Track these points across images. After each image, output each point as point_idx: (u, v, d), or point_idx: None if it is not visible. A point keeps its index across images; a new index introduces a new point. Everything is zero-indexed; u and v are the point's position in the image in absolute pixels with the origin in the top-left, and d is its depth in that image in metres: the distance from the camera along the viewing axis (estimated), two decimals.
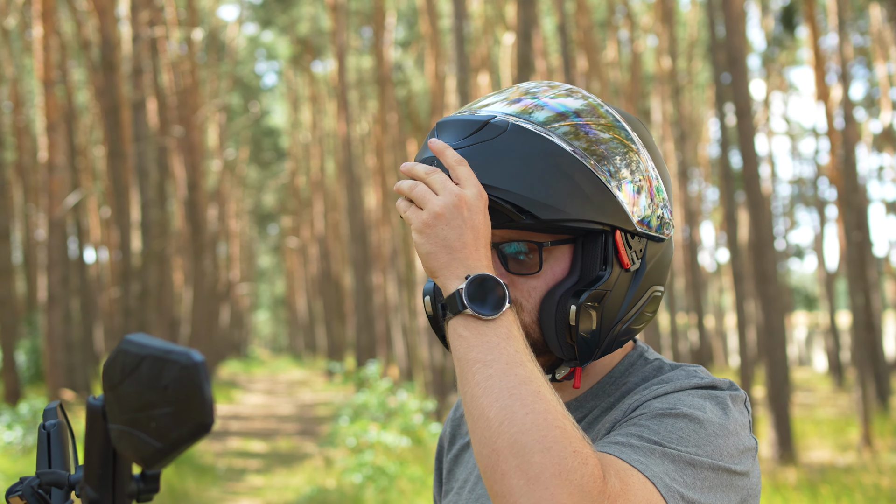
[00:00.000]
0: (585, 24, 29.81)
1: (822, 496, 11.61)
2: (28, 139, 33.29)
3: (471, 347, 1.54)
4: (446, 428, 2.09)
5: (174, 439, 1.08)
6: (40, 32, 19.83)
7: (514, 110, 1.71)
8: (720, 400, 1.66)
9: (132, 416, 1.10)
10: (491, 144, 1.66)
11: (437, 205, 1.60)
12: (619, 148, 1.71)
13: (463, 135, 1.69)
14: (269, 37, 50.97)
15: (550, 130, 1.68)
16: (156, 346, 1.10)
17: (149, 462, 1.10)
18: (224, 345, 51.96)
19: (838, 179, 21.79)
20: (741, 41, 16.62)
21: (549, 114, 1.71)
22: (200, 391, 1.06)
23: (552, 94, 1.77)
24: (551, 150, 1.66)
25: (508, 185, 1.63)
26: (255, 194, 63.22)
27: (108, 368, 1.13)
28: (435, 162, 1.68)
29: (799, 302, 50.99)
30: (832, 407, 25.70)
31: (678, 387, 1.67)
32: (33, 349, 25.69)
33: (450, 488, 1.99)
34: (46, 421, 1.54)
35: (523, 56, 13.74)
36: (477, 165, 1.64)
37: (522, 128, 1.67)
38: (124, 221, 21.47)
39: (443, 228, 1.59)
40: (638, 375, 1.80)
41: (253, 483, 15.16)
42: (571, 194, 1.65)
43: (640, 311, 1.76)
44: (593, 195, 1.66)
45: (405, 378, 31.08)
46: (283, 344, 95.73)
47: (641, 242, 1.74)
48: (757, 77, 42.02)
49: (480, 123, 1.69)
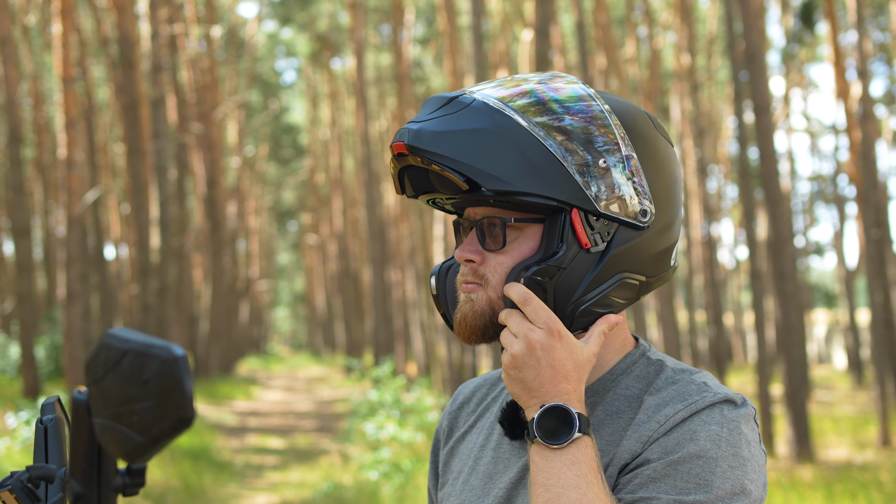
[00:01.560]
0: (604, 21, 29.73)
1: (838, 494, 11.56)
2: (48, 136, 33.41)
3: (538, 472, 1.65)
4: (443, 421, 2.11)
5: (156, 433, 1.08)
6: (60, 29, 19.89)
7: (495, 92, 1.76)
8: (734, 426, 1.70)
9: (115, 410, 1.11)
10: (451, 118, 1.72)
11: (513, 349, 1.69)
12: (591, 132, 1.73)
13: (432, 109, 1.76)
14: (289, 34, 51.01)
15: (511, 106, 1.73)
16: (138, 341, 1.10)
17: (132, 456, 1.11)
18: (243, 341, 52.10)
19: (857, 176, 21.66)
20: (759, 37, 16.57)
21: (521, 93, 1.75)
22: (181, 385, 1.07)
23: (538, 79, 1.81)
24: (506, 125, 1.71)
25: (457, 155, 1.69)
26: (275, 191, 63.28)
27: (91, 363, 1.14)
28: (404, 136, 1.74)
29: (818, 299, 50.81)
30: (851, 404, 25.61)
31: (693, 409, 1.70)
32: (53, 345, 25.79)
33: (446, 480, 2.01)
34: (44, 416, 1.54)
35: (541, 53, 13.72)
36: (433, 136, 1.71)
37: (485, 103, 1.73)
38: (143, 218, 21.53)
39: (520, 371, 1.69)
40: (641, 376, 1.81)
41: (270, 479, 15.20)
42: (522, 168, 1.69)
43: (604, 294, 1.76)
44: (546, 170, 1.70)
45: (423, 374, 31.08)
46: (302, 340, 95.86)
47: (609, 225, 1.75)
48: (776, 74, 41.86)
49: (448, 99, 1.75)
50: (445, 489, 1.99)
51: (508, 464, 1.85)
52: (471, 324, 1.79)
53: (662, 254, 1.82)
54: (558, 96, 1.76)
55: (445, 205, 1.89)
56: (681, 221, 1.89)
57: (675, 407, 1.71)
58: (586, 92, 1.78)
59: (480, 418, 2.02)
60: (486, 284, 1.78)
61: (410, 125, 1.74)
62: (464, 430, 2.03)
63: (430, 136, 1.70)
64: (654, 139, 1.81)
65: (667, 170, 1.82)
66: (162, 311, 22.55)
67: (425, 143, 1.70)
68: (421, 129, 1.71)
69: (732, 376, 34.26)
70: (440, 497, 2.01)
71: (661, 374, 1.80)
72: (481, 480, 1.88)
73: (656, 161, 1.80)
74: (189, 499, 12.75)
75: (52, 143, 33.10)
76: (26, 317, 20.85)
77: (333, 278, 53.05)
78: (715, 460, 1.64)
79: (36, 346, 24.05)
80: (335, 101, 46.44)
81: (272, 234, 71.26)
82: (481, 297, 1.78)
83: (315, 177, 53.87)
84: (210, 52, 36.70)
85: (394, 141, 1.74)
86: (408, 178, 1.82)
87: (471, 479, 1.91)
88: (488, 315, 1.78)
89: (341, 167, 45.67)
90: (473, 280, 1.79)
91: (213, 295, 35.39)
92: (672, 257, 1.87)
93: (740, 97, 18.39)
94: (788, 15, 34.78)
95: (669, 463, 1.65)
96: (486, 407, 2.02)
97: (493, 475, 1.87)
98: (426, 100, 1.79)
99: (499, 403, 1.98)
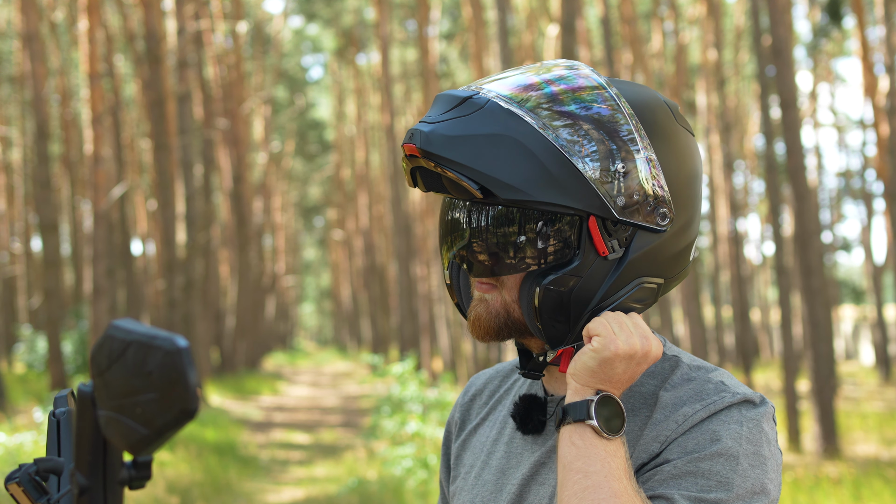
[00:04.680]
0: (629, 16, 29.66)
1: (865, 491, 11.50)
2: (75, 132, 33.57)
3: (579, 457, 1.61)
4: (455, 413, 2.09)
5: (159, 425, 1.08)
6: (86, 26, 19.98)
7: (509, 89, 1.71)
8: (755, 424, 1.68)
9: (119, 402, 1.10)
10: (464, 120, 1.67)
11: (632, 340, 1.65)
12: (609, 132, 1.68)
13: (444, 109, 1.70)
14: (314, 29, 51.08)
15: (525, 107, 1.67)
16: (142, 332, 1.09)
17: (136, 448, 1.10)
18: (269, 337, 52.21)
19: (885, 171, 21.55)
20: (786, 32, 16.48)
21: (535, 90, 1.70)
22: (184, 377, 1.06)
23: (552, 72, 1.76)
24: (521, 130, 1.65)
25: (471, 163, 1.64)
26: (301, 187, 63.40)
27: (95, 354, 1.13)
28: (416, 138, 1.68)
29: (846, 295, 50.53)
30: (879, 401, 25.46)
31: (712, 409, 1.68)
32: (80, 340, 25.92)
33: (457, 473, 1.99)
34: (57, 408, 1.54)
35: (567, 48, 13.69)
36: (447, 140, 1.65)
37: (498, 105, 1.67)
38: (169, 213, 21.61)
39: (616, 360, 1.64)
40: (656, 373, 1.79)
41: (295, 474, 15.22)
42: (537, 176, 1.64)
43: (621, 301, 1.73)
44: (562, 178, 1.65)
45: (449, 369, 31.09)
46: (328, 336, 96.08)
47: (627, 230, 1.71)
48: (803, 68, 41.71)
49: (461, 99, 1.69)
50: (457, 483, 1.97)
51: (521, 459, 1.83)
52: (485, 324, 1.78)
53: (681, 253, 1.79)
54: (575, 93, 1.71)
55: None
56: (700, 216, 1.85)
57: (694, 407, 1.69)
58: (599, 82, 1.73)
59: (493, 411, 1.99)
60: (501, 286, 1.76)
61: (422, 126, 1.69)
62: (476, 422, 2.01)
63: (442, 141, 1.66)
64: (674, 132, 1.76)
65: (687, 165, 1.77)
66: (188, 306, 22.63)
67: (438, 148, 1.65)
68: (433, 131, 1.67)
69: (759, 372, 34.12)
70: (452, 490, 1.99)
71: (676, 371, 1.77)
72: (494, 475, 1.87)
73: (677, 157, 1.75)
74: (214, 493, 12.78)
75: (78, 139, 33.25)
76: (53, 312, 20.95)
77: (359, 274, 53.11)
78: (736, 458, 1.63)
79: (63, 341, 24.18)
80: (361, 96, 46.48)
81: (298, 229, 71.43)
82: (496, 299, 1.76)
83: (341, 172, 53.93)
84: (236, 48, 36.78)
85: (405, 141, 1.70)
86: (420, 175, 1.77)
87: (483, 473, 1.90)
88: (503, 317, 1.76)
89: (367, 163, 45.71)
90: (488, 281, 1.77)
91: (240, 290, 35.50)
92: (691, 253, 1.83)
93: (767, 92, 18.30)
94: (815, 9, 34.62)
95: (690, 460, 1.63)
96: (499, 399, 2.00)
97: (506, 470, 1.85)
98: (437, 96, 1.74)
99: (511, 396, 1.96)
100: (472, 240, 1.74)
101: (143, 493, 11.33)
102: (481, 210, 1.73)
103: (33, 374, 28.63)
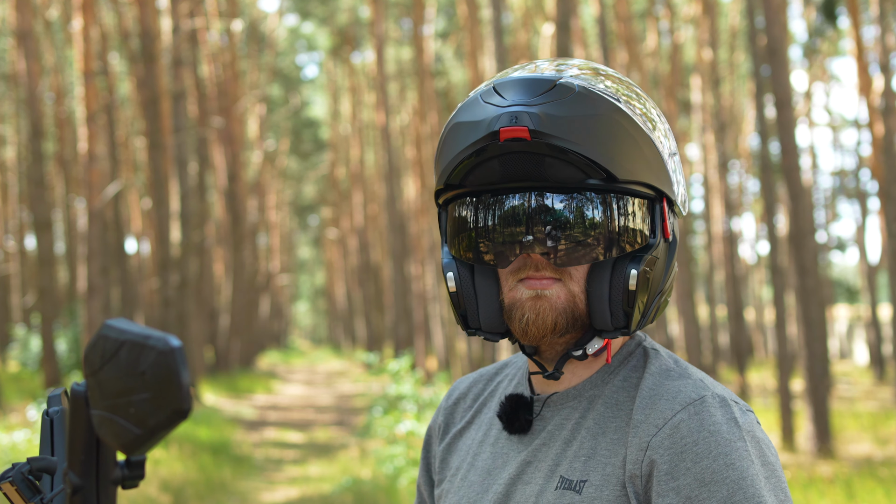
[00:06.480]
0: (625, 14, 29.67)
1: (859, 490, 11.51)
2: (69, 130, 33.54)
3: None
4: (438, 417, 2.07)
5: (152, 425, 1.07)
6: (81, 24, 19.95)
7: (579, 74, 1.71)
8: (747, 429, 1.65)
9: (112, 401, 1.10)
10: (563, 103, 1.63)
11: None
12: (660, 125, 1.74)
13: (534, 93, 1.65)
14: (309, 28, 51.03)
15: (609, 94, 1.67)
16: (135, 332, 1.09)
17: (129, 448, 1.10)
18: (264, 335, 52.18)
19: (880, 171, 21.54)
20: (781, 31, 16.48)
21: (606, 82, 1.71)
22: (177, 377, 1.05)
23: (592, 64, 1.79)
24: (621, 114, 1.66)
25: (588, 144, 1.62)
26: (295, 185, 63.39)
27: (88, 354, 1.13)
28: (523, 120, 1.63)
29: (840, 294, 50.57)
30: (872, 400, 25.49)
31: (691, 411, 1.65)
32: (74, 338, 25.89)
33: (443, 477, 1.98)
34: (50, 408, 1.54)
35: (562, 47, 13.68)
36: (553, 124, 1.62)
37: (590, 90, 1.65)
38: (164, 212, 21.59)
39: None
40: (637, 366, 1.78)
41: (289, 473, 15.22)
42: (638, 157, 1.67)
43: (672, 285, 1.78)
44: (653, 161, 1.68)
45: (443, 368, 31.08)
46: (323, 334, 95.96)
47: (675, 215, 1.77)
48: (798, 68, 41.74)
49: (550, 83, 1.66)
50: (444, 485, 1.95)
51: (507, 459, 1.82)
52: (552, 321, 1.70)
53: None
54: (634, 85, 1.76)
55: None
56: None
57: (673, 407, 1.66)
58: (629, 80, 1.79)
59: (478, 414, 1.98)
60: (567, 278, 1.70)
61: (519, 108, 1.63)
62: (461, 426, 1.99)
63: (555, 122, 1.62)
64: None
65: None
66: (182, 304, 22.61)
67: (555, 129, 1.61)
68: (543, 113, 1.62)
69: (753, 371, 34.16)
70: (438, 493, 1.97)
71: (654, 363, 1.76)
72: (480, 476, 1.86)
73: None
74: (208, 492, 12.78)
75: (73, 138, 33.22)
76: (47, 310, 20.93)
77: (354, 272, 53.10)
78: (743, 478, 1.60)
79: (57, 340, 24.15)
80: (356, 95, 46.47)
81: (293, 228, 71.42)
82: (560, 293, 1.70)
83: (336, 171, 53.91)
84: (231, 47, 36.77)
85: (504, 125, 1.62)
86: (500, 164, 1.67)
87: (469, 474, 1.88)
88: (570, 311, 1.70)
89: (362, 162, 45.70)
90: (552, 275, 1.70)
91: (234, 289, 35.47)
92: None
93: (762, 91, 18.32)
94: (810, 9, 34.64)
95: (695, 485, 1.60)
96: (484, 402, 1.99)
97: (492, 471, 1.84)
98: (506, 83, 1.69)
99: (496, 398, 1.94)
100: (557, 229, 1.67)
101: (137, 491, 11.32)
102: (569, 197, 1.68)
103: (27, 372, 28.60)
